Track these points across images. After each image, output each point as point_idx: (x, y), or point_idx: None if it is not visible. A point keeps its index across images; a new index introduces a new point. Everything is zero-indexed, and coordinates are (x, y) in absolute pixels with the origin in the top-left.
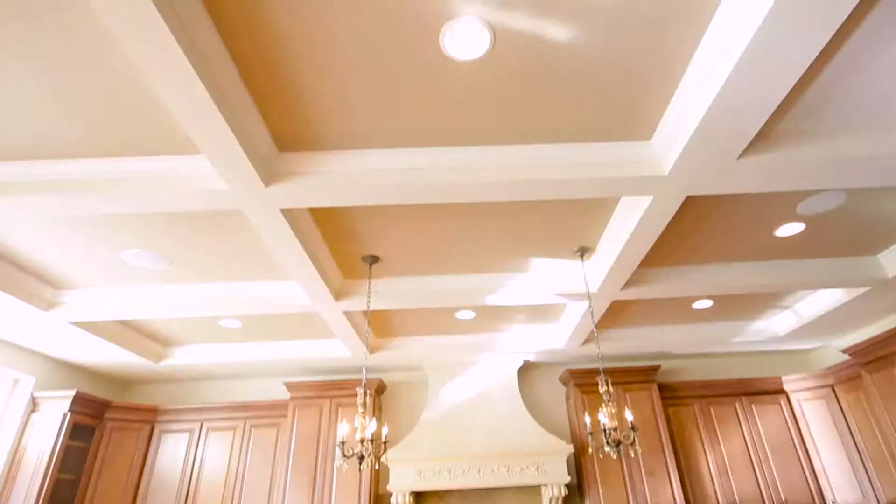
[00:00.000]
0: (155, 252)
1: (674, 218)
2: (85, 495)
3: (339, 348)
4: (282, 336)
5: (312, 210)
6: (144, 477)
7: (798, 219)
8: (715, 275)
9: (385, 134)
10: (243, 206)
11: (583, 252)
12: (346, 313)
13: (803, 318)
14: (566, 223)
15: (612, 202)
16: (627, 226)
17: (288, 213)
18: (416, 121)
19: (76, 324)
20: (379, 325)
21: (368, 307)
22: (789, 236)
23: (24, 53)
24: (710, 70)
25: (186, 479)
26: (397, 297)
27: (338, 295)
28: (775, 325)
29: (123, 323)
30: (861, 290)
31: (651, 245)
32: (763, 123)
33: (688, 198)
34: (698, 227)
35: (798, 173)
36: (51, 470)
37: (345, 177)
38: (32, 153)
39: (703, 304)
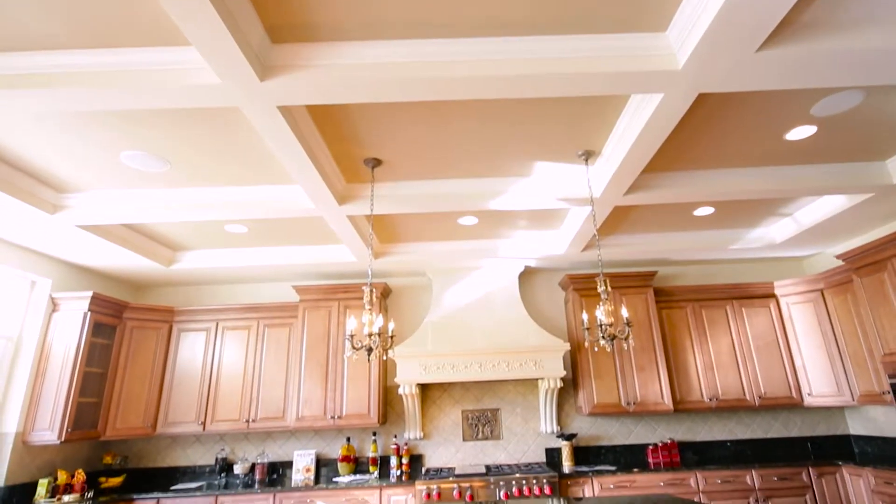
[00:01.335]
0: (153, 153)
1: (682, 120)
2: (114, 386)
3: (344, 253)
4: (288, 241)
5: (311, 109)
6: (168, 370)
7: (811, 121)
8: (720, 180)
9: (384, 23)
10: (239, 102)
11: (587, 156)
12: (350, 217)
13: (802, 225)
14: (572, 125)
15: (619, 102)
16: (634, 127)
17: (286, 112)
18: (417, 9)
19: (83, 227)
20: (383, 231)
21: (371, 211)
22: (799, 140)
23: None
24: None
25: (207, 372)
26: (400, 202)
27: (341, 199)
28: (773, 232)
29: (130, 227)
30: (864, 197)
31: (657, 148)
32: (787, 12)
33: (698, 98)
34: (707, 130)
35: (818, 68)
36: (78, 363)
37: (342, 71)
38: (12, 45)
39: (704, 210)
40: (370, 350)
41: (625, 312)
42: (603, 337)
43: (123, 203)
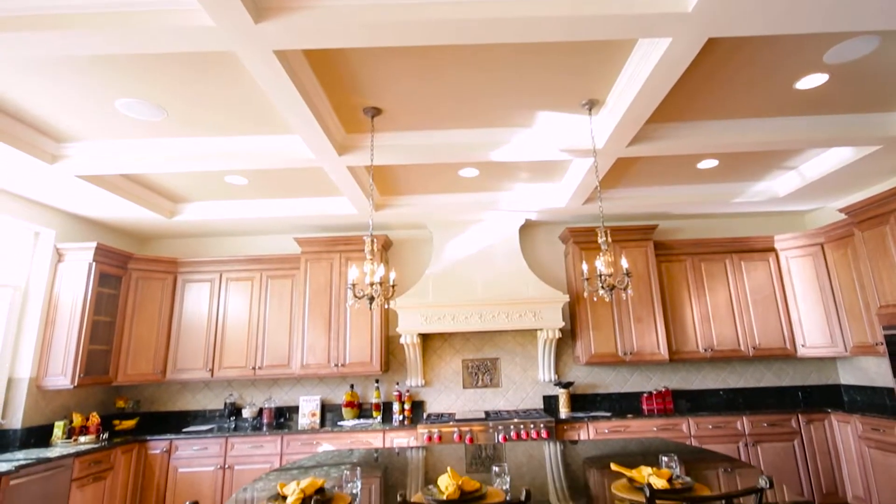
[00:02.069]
0: (149, 101)
1: (689, 68)
2: (123, 334)
3: (345, 205)
4: (289, 193)
5: (309, 55)
6: (174, 319)
7: (823, 69)
8: (726, 131)
9: None
10: (234, 46)
11: (591, 105)
12: (350, 169)
13: (806, 179)
14: (576, 73)
15: (625, 49)
16: (640, 75)
17: (282, 57)
18: None
19: (82, 177)
20: (383, 183)
21: (371, 162)
22: (810, 89)
23: None
24: None
25: (213, 321)
26: (400, 152)
27: (341, 149)
28: (777, 186)
29: (130, 178)
30: (871, 149)
31: (663, 97)
32: None
33: (707, 44)
34: (714, 79)
35: (834, 10)
36: (87, 312)
37: (338, 13)
38: None
39: (708, 163)
40: (372, 299)
41: (624, 263)
42: (602, 287)
43: (121, 153)
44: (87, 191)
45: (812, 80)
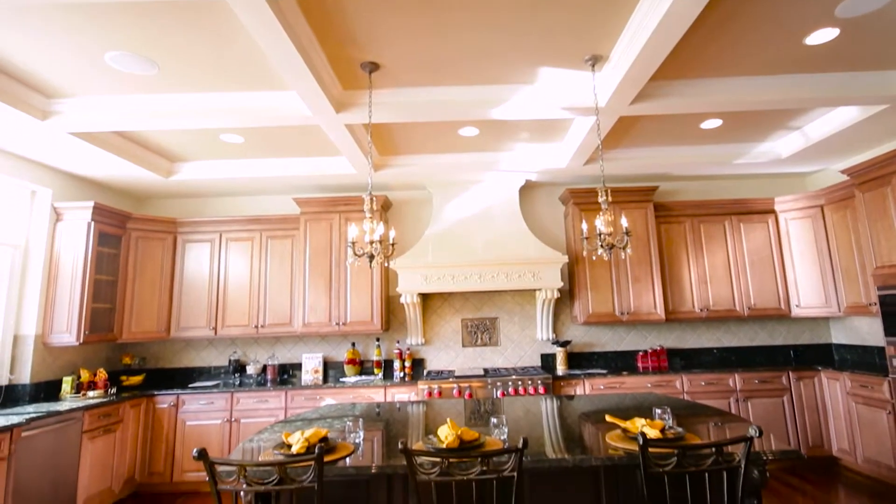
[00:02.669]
0: (139, 55)
1: (696, 21)
2: (125, 293)
3: (343, 165)
4: (286, 153)
5: (301, 3)
6: (176, 279)
7: (834, 23)
8: (732, 89)
9: None
10: None
11: (594, 61)
12: (348, 126)
13: (810, 140)
14: (579, 26)
15: (631, 0)
16: (646, 28)
17: (274, 4)
18: None
19: (75, 134)
20: (382, 143)
21: (370, 119)
22: (819, 45)
23: None
24: None
25: (215, 281)
26: (399, 110)
27: (338, 106)
28: (780, 147)
29: (125, 136)
30: (877, 109)
31: (668, 52)
32: None
33: None
34: (722, 34)
35: None
36: (88, 271)
37: None
38: None
39: (711, 123)
40: (371, 257)
41: (624, 222)
42: (602, 246)
43: (113, 109)
44: (82, 149)
45: (822, 35)
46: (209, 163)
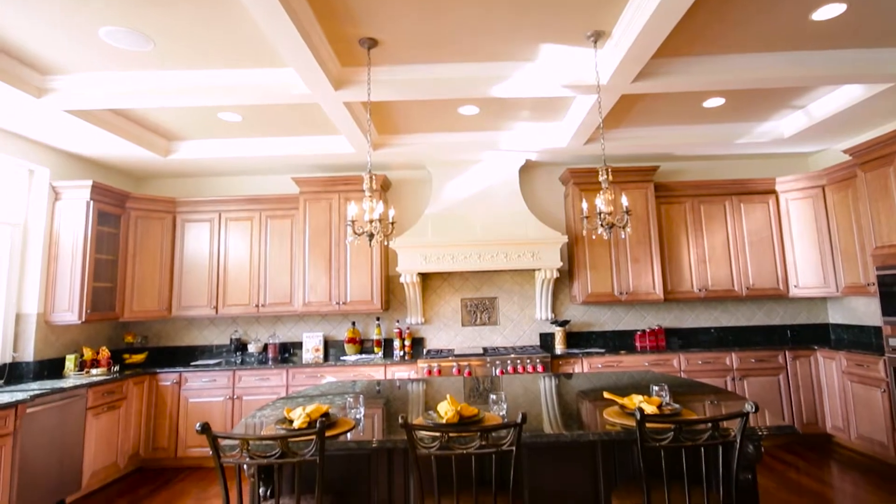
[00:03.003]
0: (135, 30)
1: None
2: (126, 272)
3: (342, 144)
4: (285, 132)
5: None
6: (176, 258)
7: None
8: (736, 66)
9: None
10: None
11: (596, 37)
12: (347, 104)
13: (814, 119)
14: (581, 1)
15: None
16: (649, 3)
17: None
18: None
19: (71, 112)
20: (381, 122)
21: (369, 97)
22: (826, 20)
23: None
24: None
25: (215, 260)
26: (398, 87)
27: (336, 83)
28: (783, 126)
29: (121, 114)
30: (883, 87)
31: (672, 27)
32: None
33: None
34: (727, 9)
35: None
36: (88, 250)
37: None
38: None
39: (714, 102)
40: (371, 236)
41: (624, 200)
42: (602, 225)
43: (109, 86)
44: (79, 127)
45: (829, 11)
46: (207, 142)
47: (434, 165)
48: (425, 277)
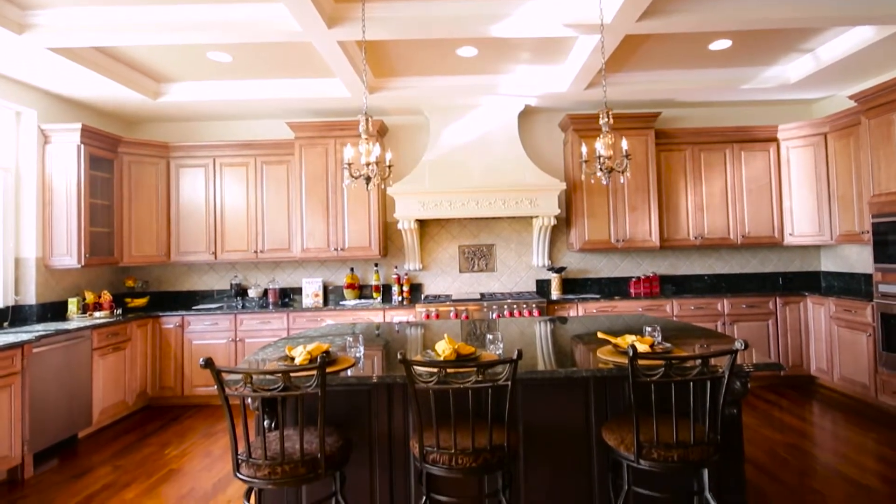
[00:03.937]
0: None
1: None
2: (122, 217)
3: (337, 87)
4: (278, 74)
5: None
6: (172, 203)
7: None
8: (747, 4)
9: None
10: None
11: None
12: (341, 44)
13: (821, 63)
14: None
15: None
16: None
17: None
18: None
19: (55, 50)
20: (377, 64)
21: (364, 35)
22: None
23: None
24: None
25: (211, 206)
26: (394, 25)
27: (330, 21)
28: (789, 71)
29: (107, 53)
30: (893, 29)
31: None
32: None
33: None
34: None
35: None
36: (82, 194)
37: None
38: None
39: (720, 44)
40: (368, 179)
41: (624, 144)
42: (601, 169)
43: (93, 19)
44: (65, 67)
45: None
46: (198, 84)
47: (432, 111)
48: (423, 224)
